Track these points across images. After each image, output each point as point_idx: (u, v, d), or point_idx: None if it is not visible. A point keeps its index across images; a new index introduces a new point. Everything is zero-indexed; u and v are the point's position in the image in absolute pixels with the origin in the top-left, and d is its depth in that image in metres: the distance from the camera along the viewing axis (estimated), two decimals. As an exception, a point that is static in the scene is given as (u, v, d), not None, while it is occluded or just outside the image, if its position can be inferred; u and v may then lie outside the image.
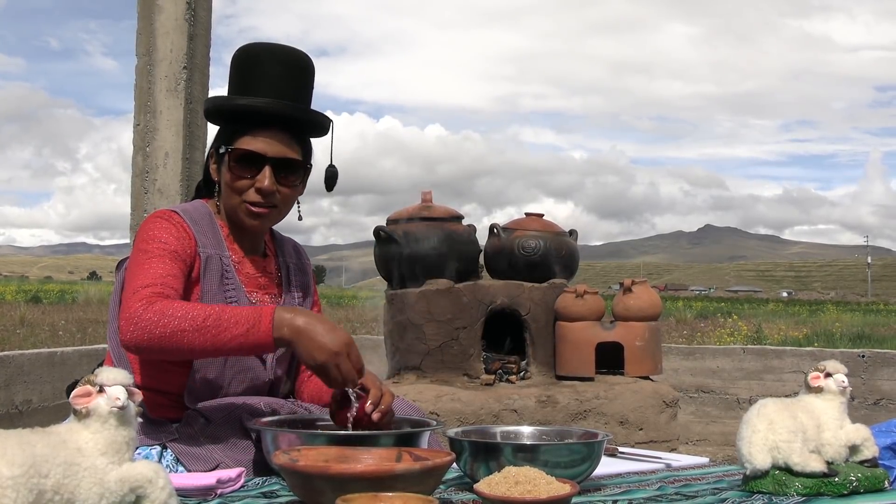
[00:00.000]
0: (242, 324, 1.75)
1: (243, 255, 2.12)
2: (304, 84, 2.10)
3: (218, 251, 2.04)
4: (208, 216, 2.08)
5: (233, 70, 2.09)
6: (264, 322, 1.75)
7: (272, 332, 1.75)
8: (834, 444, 1.63)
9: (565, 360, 5.21)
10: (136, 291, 1.82)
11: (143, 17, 5.09)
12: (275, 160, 2.03)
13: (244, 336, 1.75)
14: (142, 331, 1.76)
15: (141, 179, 5.05)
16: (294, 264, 2.27)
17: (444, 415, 4.60)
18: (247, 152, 2.02)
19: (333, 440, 1.64)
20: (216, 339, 1.75)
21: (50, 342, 13.17)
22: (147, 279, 1.85)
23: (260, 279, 2.13)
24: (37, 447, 1.11)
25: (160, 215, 2.00)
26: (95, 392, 1.21)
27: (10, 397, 5.41)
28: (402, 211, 5.42)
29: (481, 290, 5.18)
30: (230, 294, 2.02)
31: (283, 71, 2.05)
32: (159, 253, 1.91)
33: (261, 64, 2.04)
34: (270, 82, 2.03)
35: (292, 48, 2.09)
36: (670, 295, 79.96)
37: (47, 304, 28.88)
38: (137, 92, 5.10)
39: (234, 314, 1.77)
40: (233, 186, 2.04)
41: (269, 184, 2.02)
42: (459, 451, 1.67)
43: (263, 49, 2.08)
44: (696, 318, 27.18)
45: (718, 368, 7.43)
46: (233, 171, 2.03)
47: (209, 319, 1.75)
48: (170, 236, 1.95)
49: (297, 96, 2.07)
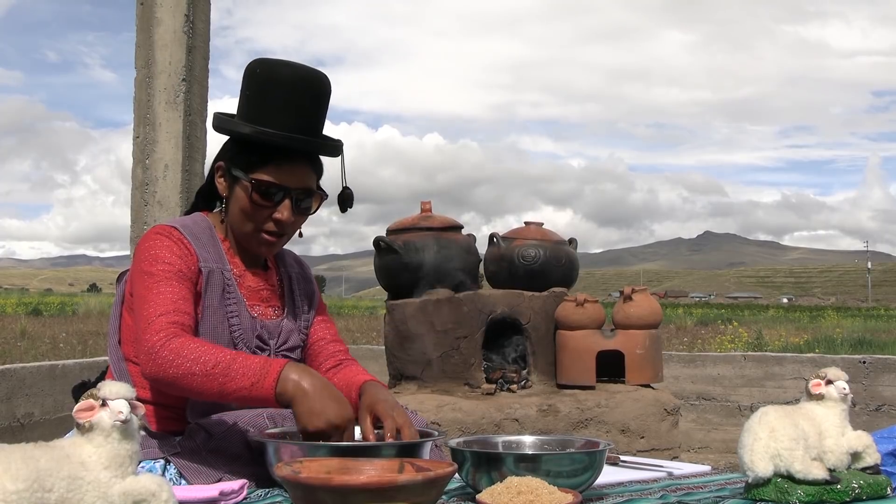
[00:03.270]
0: (249, 377, 1.76)
1: (244, 268, 2.11)
2: (323, 110, 2.08)
3: (219, 265, 2.03)
4: (209, 230, 2.08)
5: (250, 90, 2.03)
6: (270, 377, 1.76)
7: (275, 387, 1.76)
8: (836, 452, 1.63)
9: (566, 369, 5.21)
10: (151, 322, 1.83)
11: (141, 29, 5.11)
12: (296, 191, 2.03)
13: (248, 389, 1.76)
14: (159, 367, 1.79)
15: (141, 191, 5.06)
16: (297, 274, 2.27)
17: (445, 424, 4.60)
18: (270, 183, 2.00)
19: (335, 451, 1.65)
20: (223, 387, 1.77)
21: (51, 355, 13.16)
22: (160, 307, 1.86)
23: (262, 292, 2.13)
24: (40, 461, 1.11)
25: (160, 231, 2.00)
26: (98, 406, 1.22)
27: (11, 410, 5.40)
28: (401, 221, 5.42)
29: (481, 299, 5.18)
30: (231, 308, 2.02)
31: (309, 101, 2.02)
32: (166, 276, 1.91)
33: (282, 88, 1.99)
34: (296, 112, 2.00)
35: (313, 71, 2.05)
36: (670, 302, 79.91)
37: (48, 316, 28.87)
38: (136, 104, 5.11)
39: (244, 365, 1.78)
40: (250, 215, 2.03)
41: (288, 215, 2.02)
42: (461, 462, 1.68)
43: (286, 72, 2.02)
44: (696, 325, 27.18)
45: (719, 375, 7.43)
46: (253, 201, 2.01)
47: (218, 367, 1.77)
48: (173, 255, 1.94)
49: (317, 124, 2.05)
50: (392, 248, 5.20)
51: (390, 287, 5.36)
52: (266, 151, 2.00)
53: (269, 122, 1.98)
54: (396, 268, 5.20)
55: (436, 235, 5.21)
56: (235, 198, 2.04)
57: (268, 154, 2.00)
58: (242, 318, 2.03)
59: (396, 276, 5.24)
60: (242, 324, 2.02)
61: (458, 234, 5.35)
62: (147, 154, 5.05)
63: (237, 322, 2.02)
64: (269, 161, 2.00)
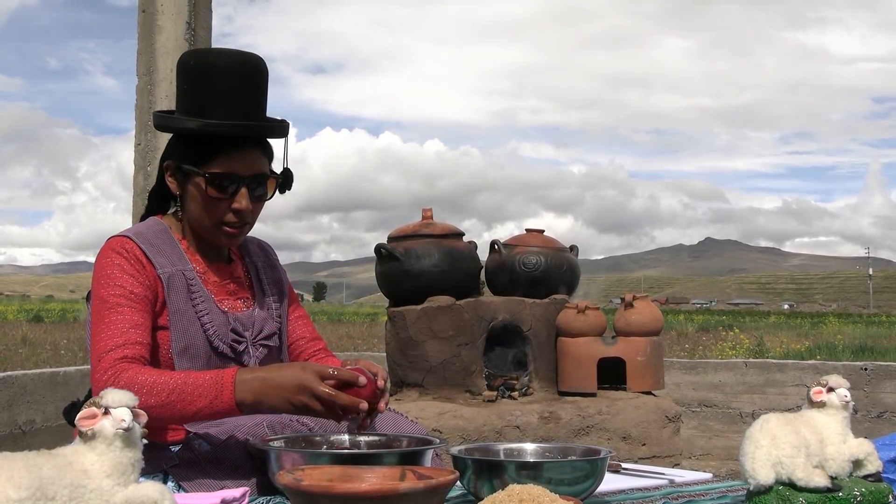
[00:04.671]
0: (206, 396, 1.77)
1: (207, 265, 2.09)
2: (264, 93, 2.06)
3: (179, 266, 2.00)
4: (164, 233, 2.06)
5: (188, 83, 2.02)
6: (226, 392, 1.77)
7: (234, 398, 1.77)
8: (837, 459, 1.64)
9: (567, 376, 5.21)
10: (100, 358, 1.82)
11: (143, 37, 5.12)
12: (249, 178, 2.01)
13: (209, 407, 1.77)
14: None
15: (142, 199, 5.07)
16: (262, 262, 2.24)
17: (446, 432, 4.60)
18: (223, 174, 1.98)
19: (337, 459, 1.65)
20: (183, 412, 1.77)
21: (52, 361, 13.17)
22: (109, 340, 1.84)
23: (229, 285, 2.11)
24: (43, 469, 1.12)
25: (113, 247, 1.97)
26: (101, 414, 1.22)
27: (13, 417, 5.40)
28: (403, 228, 5.43)
29: (483, 306, 5.18)
30: (200, 307, 1.99)
31: (245, 83, 2.00)
32: (116, 302, 1.88)
33: (221, 77, 1.97)
34: (238, 99, 1.98)
35: (244, 53, 2.03)
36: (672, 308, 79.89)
37: (49, 322, 28.88)
38: (138, 112, 5.12)
39: (197, 385, 1.77)
40: (208, 209, 2.01)
41: (246, 203, 2.01)
42: (463, 469, 1.68)
43: (217, 59, 2.00)
44: (697, 332, 27.16)
45: (721, 382, 7.42)
46: (209, 194, 1.99)
47: (173, 394, 1.76)
48: (125, 276, 1.91)
49: (260, 108, 2.04)
50: (393, 255, 5.20)
51: (392, 294, 5.36)
52: (214, 143, 1.98)
53: (211, 113, 1.96)
54: (398, 275, 5.20)
55: (437, 243, 5.22)
56: (190, 195, 2.03)
57: (216, 146, 1.98)
58: (213, 315, 2.01)
59: (398, 284, 5.24)
60: (214, 320, 2.00)
61: (459, 242, 5.35)
62: (149, 161, 5.06)
63: (209, 319, 1.99)
64: (219, 152, 1.98)
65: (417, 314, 5.12)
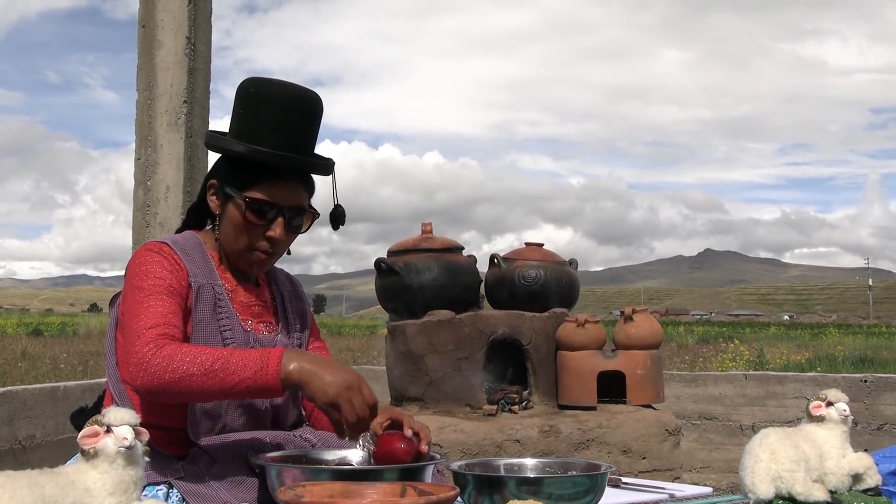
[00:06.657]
0: (251, 367, 1.77)
1: (236, 283, 2.12)
2: (315, 129, 2.10)
3: (210, 280, 2.04)
4: (199, 246, 2.09)
5: (244, 108, 2.06)
6: (272, 365, 1.77)
7: (280, 373, 1.76)
8: (837, 473, 1.64)
9: (567, 390, 5.21)
10: (140, 334, 1.83)
11: (143, 52, 5.14)
12: (288, 209, 2.05)
13: (252, 379, 1.76)
14: (152, 376, 1.76)
15: (142, 213, 5.08)
16: (289, 292, 2.28)
17: (447, 446, 4.60)
18: (263, 201, 2.02)
19: (338, 475, 1.65)
20: (224, 382, 1.76)
21: (51, 375, 13.15)
22: (150, 320, 1.85)
23: (254, 307, 2.14)
24: (45, 488, 1.12)
25: (151, 248, 2.01)
26: (103, 432, 1.22)
27: (13, 433, 5.40)
28: (402, 242, 5.44)
29: (482, 320, 5.18)
30: (224, 322, 2.02)
31: (302, 120, 2.05)
32: (156, 290, 1.91)
33: (276, 108, 2.02)
34: (289, 131, 2.02)
35: (302, 88, 2.07)
36: (671, 320, 79.82)
37: (48, 336, 28.84)
38: (138, 126, 5.13)
39: (243, 357, 1.78)
40: (244, 233, 2.05)
41: (280, 233, 2.04)
42: (463, 485, 1.68)
43: (275, 90, 2.05)
44: (697, 343, 27.14)
45: (721, 395, 7.42)
46: (247, 219, 2.03)
47: (217, 363, 1.77)
48: (163, 270, 1.95)
49: (309, 143, 2.08)
50: (393, 269, 5.21)
51: (391, 308, 5.37)
52: (259, 170, 2.02)
53: (262, 140, 2.00)
54: (398, 289, 5.21)
55: (437, 257, 5.22)
56: (228, 216, 2.06)
57: (261, 173, 2.02)
58: (235, 332, 2.03)
59: (398, 298, 5.24)
60: (235, 337, 2.02)
61: (458, 256, 5.36)
62: (149, 176, 5.07)
63: (230, 335, 2.01)
64: (262, 179, 2.02)
65: (417, 328, 5.12)
